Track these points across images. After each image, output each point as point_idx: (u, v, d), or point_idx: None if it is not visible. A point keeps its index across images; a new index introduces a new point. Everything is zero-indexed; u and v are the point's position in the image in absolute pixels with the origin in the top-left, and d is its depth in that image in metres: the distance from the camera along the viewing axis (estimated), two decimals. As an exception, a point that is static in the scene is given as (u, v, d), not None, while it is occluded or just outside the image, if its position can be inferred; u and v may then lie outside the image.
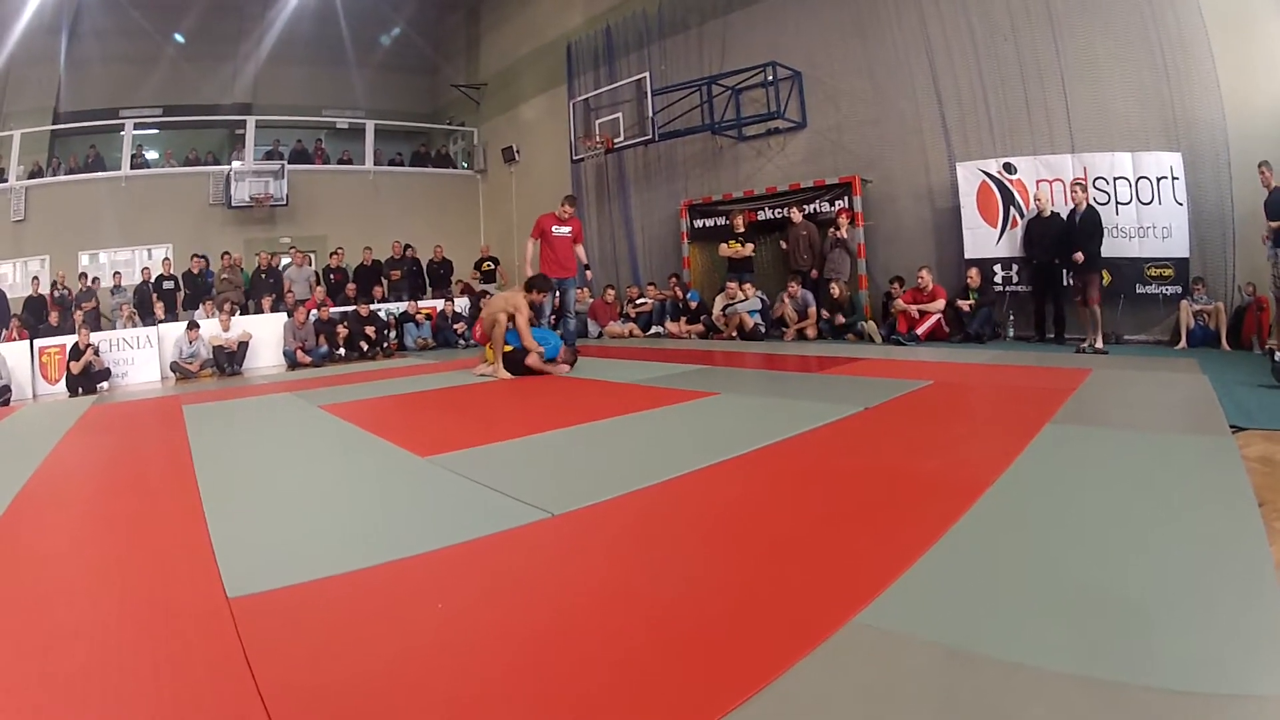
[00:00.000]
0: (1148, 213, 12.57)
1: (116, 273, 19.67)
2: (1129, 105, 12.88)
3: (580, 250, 12.74)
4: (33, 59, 21.70)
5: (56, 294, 18.30)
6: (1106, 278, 12.40)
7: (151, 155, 23.56)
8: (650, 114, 17.44)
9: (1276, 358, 7.98)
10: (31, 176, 20.87)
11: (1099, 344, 11.32)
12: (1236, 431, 5.40)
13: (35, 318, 17.52)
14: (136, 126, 22.50)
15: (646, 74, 17.82)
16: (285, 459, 5.96)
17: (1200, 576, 2.82)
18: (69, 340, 15.30)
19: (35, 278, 19.08)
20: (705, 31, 18.90)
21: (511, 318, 10.37)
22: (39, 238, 20.44)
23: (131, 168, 21.85)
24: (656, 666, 2.25)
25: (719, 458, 4.69)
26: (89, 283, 18.83)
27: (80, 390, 14.68)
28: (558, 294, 12.33)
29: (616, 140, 18.37)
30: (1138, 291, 12.67)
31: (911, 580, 2.80)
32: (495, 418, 7.41)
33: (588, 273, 13.40)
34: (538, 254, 12.39)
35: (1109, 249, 12.24)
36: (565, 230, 12.44)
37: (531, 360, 10.16)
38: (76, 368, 14.77)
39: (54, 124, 22.23)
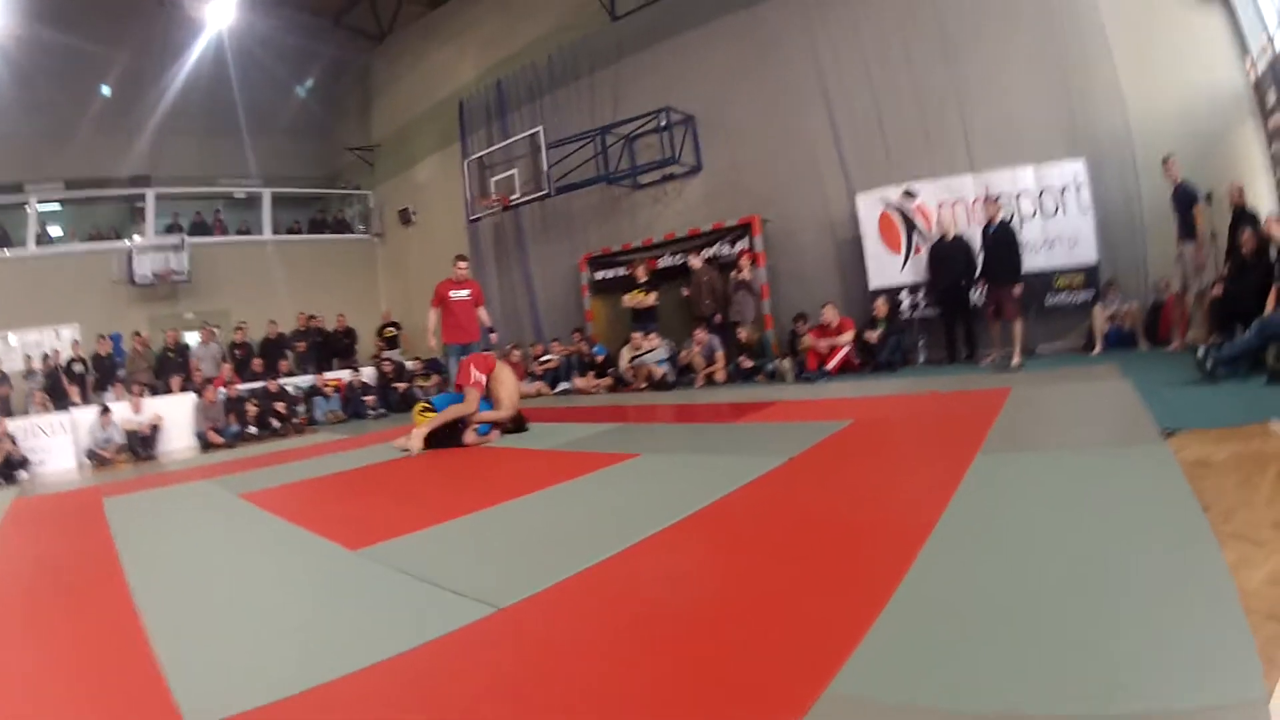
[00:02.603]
0: (1053, 224, 12.77)
1: (27, 356, 19.14)
2: (1029, 117, 13.10)
3: (483, 313, 12.63)
4: None
5: None
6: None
7: (55, 231, 22.86)
8: (545, 168, 17.37)
9: (1200, 354, 8.02)
10: None
11: (1016, 359, 11.31)
12: (1169, 435, 5.39)
13: None
14: (40, 201, 21.91)
15: (540, 128, 17.75)
16: (214, 563, 5.65)
17: (1159, 595, 2.82)
18: None
19: None
20: (596, 81, 18.93)
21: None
22: None
23: (36, 245, 21.31)
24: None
25: (653, 528, 4.51)
26: (1, 367, 18.28)
27: (1, 480, 14.18)
28: (463, 359, 12.12)
29: (513, 197, 18.28)
30: (1048, 303, 12.84)
31: (876, 639, 2.69)
32: (420, 498, 7.17)
33: (492, 335, 13.16)
34: (440, 322, 12.20)
35: None
36: (464, 293, 12.34)
37: (469, 437, 9.84)
38: None
39: None
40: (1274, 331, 7.82)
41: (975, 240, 12.50)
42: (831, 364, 13.29)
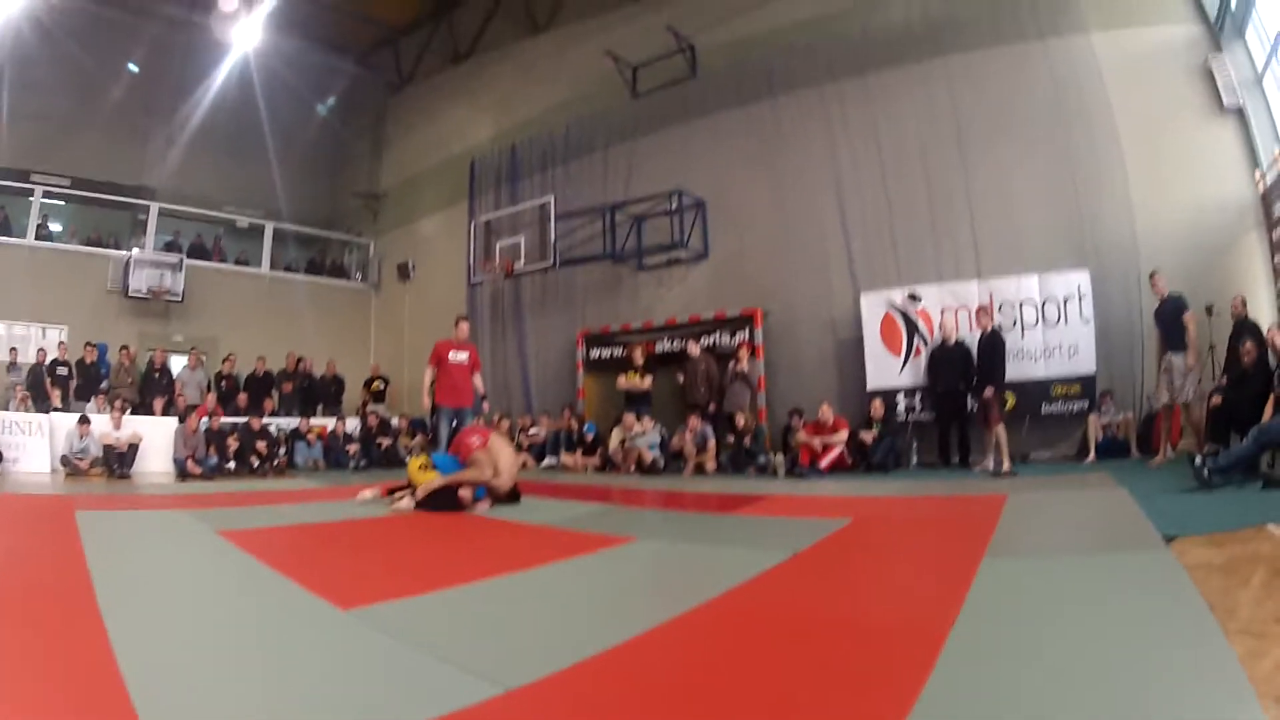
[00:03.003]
0: (1054, 333, 12.90)
1: (13, 349, 18.96)
2: (1037, 226, 13.35)
3: (478, 379, 12.46)
4: None
5: None
6: (1010, 400, 12.61)
7: (55, 228, 22.69)
8: (552, 239, 17.37)
9: (1197, 462, 8.03)
10: None
11: (1005, 466, 11.29)
12: (1170, 540, 5.38)
13: None
14: (45, 195, 21.82)
15: (551, 198, 17.83)
16: (195, 602, 5.42)
17: (1179, 689, 2.83)
18: None
19: None
20: (611, 155, 19.06)
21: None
22: None
23: (36, 238, 21.12)
24: None
25: (660, 618, 4.34)
26: None
27: None
28: (454, 422, 11.96)
29: (517, 265, 18.23)
30: (1044, 411, 12.95)
31: None
32: (413, 561, 6.96)
33: (484, 403, 13.04)
34: (433, 382, 12.13)
35: (1015, 372, 12.51)
36: (462, 356, 12.20)
37: (464, 494, 9.64)
38: None
39: None
40: (1270, 439, 7.98)
41: (975, 346, 12.54)
42: (824, 462, 13.20)
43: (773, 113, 16.43)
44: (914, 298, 13.81)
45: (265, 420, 17.75)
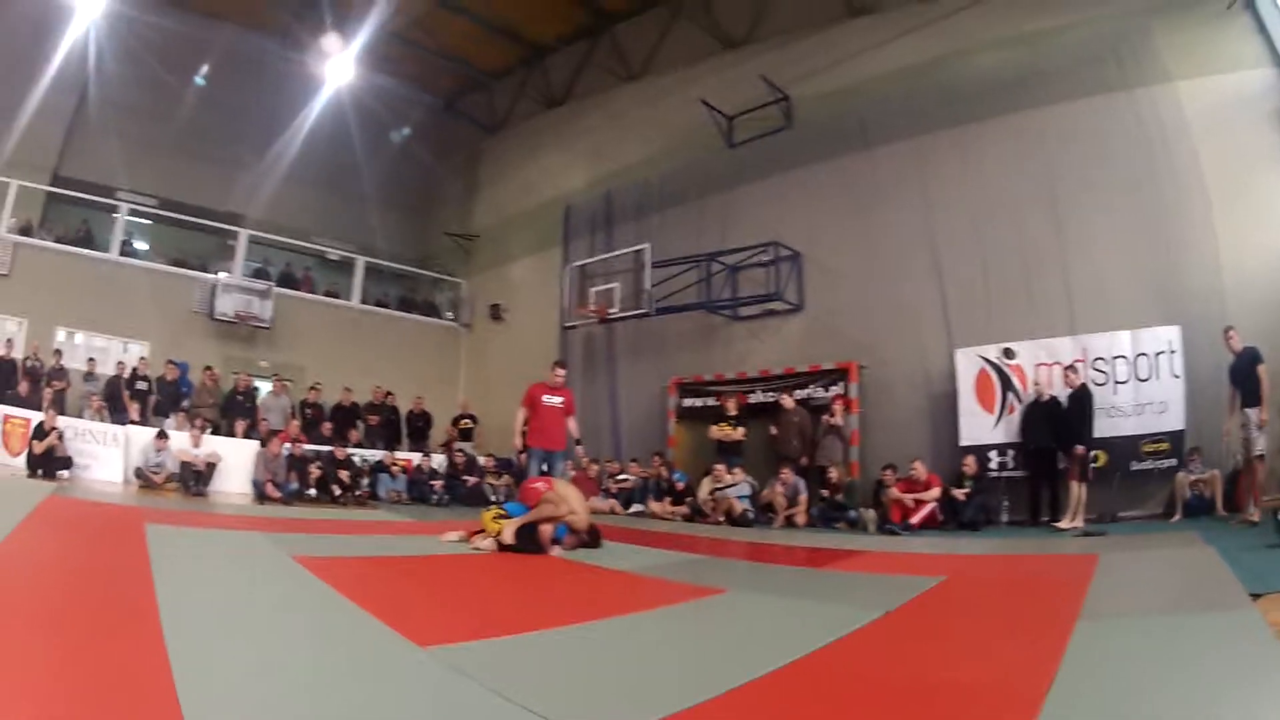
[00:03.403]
0: (1145, 389, 12.69)
1: (91, 358, 19.29)
2: (1129, 279, 13.16)
3: (572, 423, 12.45)
4: (42, 112, 21.13)
5: (29, 363, 17.85)
6: (1102, 457, 12.51)
7: (140, 246, 23.25)
8: (648, 287, 17.42)
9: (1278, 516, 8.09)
10: (22, 233, 20.47)
11: (1073, 522, 11.37)
12: (1256, 598, 5.41)
13: (3, 382, 17.12)
14: (131, 212, 22.32)
15: (648, 245, 17.89)
16: (266, 631, 5.39)
17: None
18: (35, 416, 15.14)
19: (10, 340, 18.49)
20: (707, 205, 19.11)
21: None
22: (20, 298, 19.79)
23: (120, 254, 21.53)
24: None
25: (754, 674, 4.27)
26: (61, 361, 18.49)
27: (40, 472, 14.37)
28: (544, 465, 11.97)
29: (611, 310, 18.33)
30: (1133, 469, 12.66)
31: None
32: (495, 601, 6.92)
33: (579, 448, 13.01)
34: (525, 423, 12.12)
35: (1106, 429, 12.46)
36: (556, 400, 12.21)
37: (545, 530, 9.61)
38: (39, 448, 14.53)
39: (52, 185, 21.85)
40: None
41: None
42: (916, 518, 13.04)
43: (868, 164, 16.40)
44: (1009, 353, 13.64)
45: (349, 450, 17.86)
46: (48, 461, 14.53)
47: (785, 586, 8.28)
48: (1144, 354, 12.70)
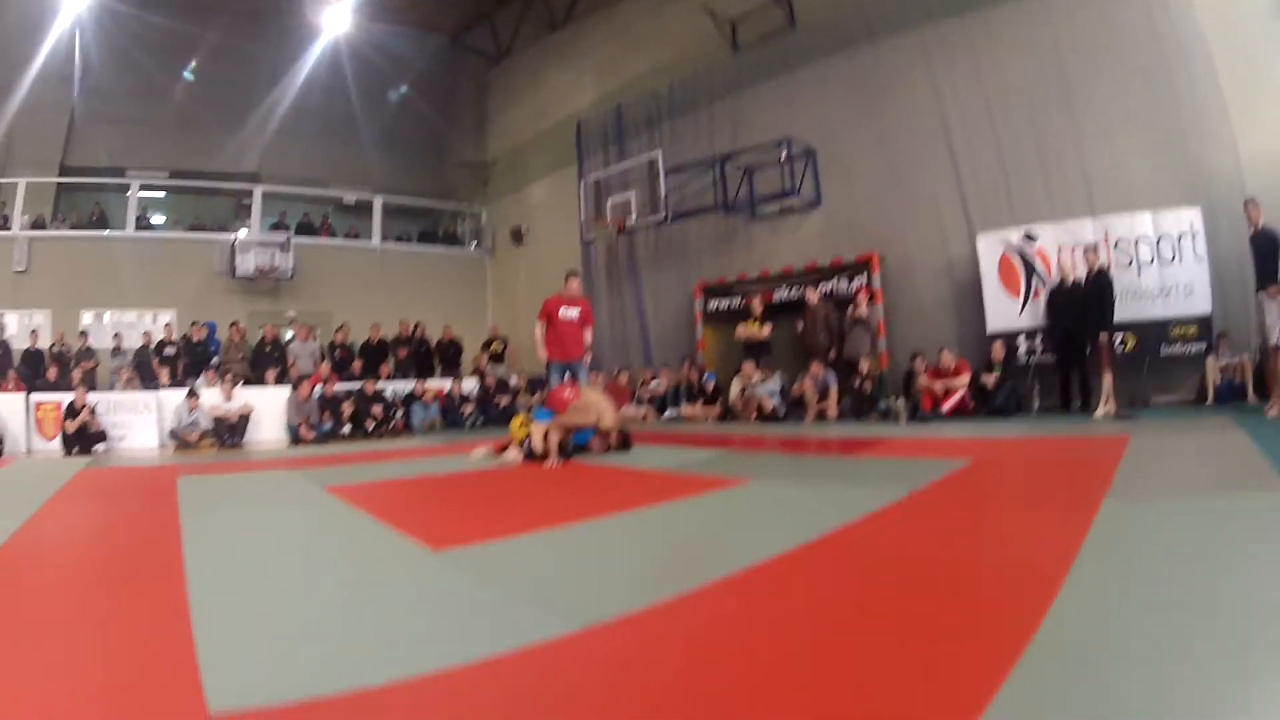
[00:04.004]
0: (1170, 272, 12.48)
1: (117, 334, 19.49)
2: (1146, 163, 12.87)
3: (587, 334, 12.43)
4: (42, 108, 21.47)
5: (56, 349, 18.14)
6: (1131, 341, 12.41)
7: (157, 219, 23.57)
8: (663, 193, 17.36)
9: None
10: (35, 228, 20.75)
11: (1105, 409, 11.20)
12: None
13: (33, 371, 17.40)
14: (143, 188, 22.54)
15: (659, 152, 17.81)
16: (283, 547, 5.54)
17: None
18: (66, 398, 15.32)
19: (35, 331, 18.86)
20: (716, 110, 18.87)
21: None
22: (41, 290, 20.24)
23: (136, 229, 21.85)
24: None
25: (761, 556, 4.26)
26: (87, 342, 18.72)
27: (75, 449, 14.64)
28: (565, 376, 11.99)
29: (628, 221, 18.28)
30: (1162, 353, 12.52)
31: (1013, 689, 2.37)
32: (515, 506, 7.00)
33: (587, 356, 12.98)
34: (544, 337, 12.13)
35: (1134, 312, 12.31)
36: (573, 313, 12.18)
37: (553, 439, 9.65)
38: (72, 427, 14.76)
39: (60, 176, 22.13)
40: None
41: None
42: (946, 406, 13.07)
43: (875, 58, 16.09)
44: (1030, 237, 13.46)
45: (380, 386, 18.00)
46: (82, 438, 14.78)
47: (808, 474, 8.32)
48: (1166, 236, 12.49)
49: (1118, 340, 12.21)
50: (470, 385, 19.45)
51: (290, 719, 2.47)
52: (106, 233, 21.45)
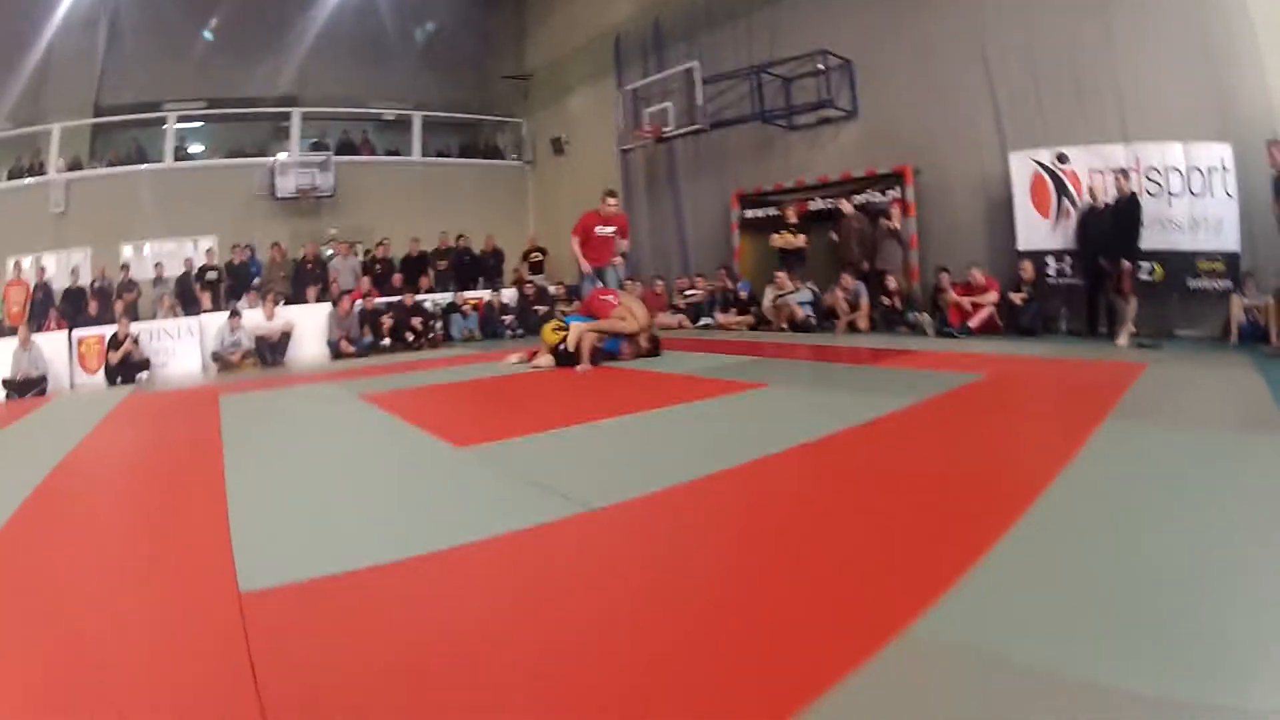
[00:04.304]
0: (1199, 205, 12.28)
1: (158, 263, 19.80)
2: (1179, 94, 12.62)
3: (624, 243, 12.62)
4: (72, 53, 21.72)
5: (97, 285, 18.34)
6: (1159, 271, 12.32)
7: (195, 149, 23.72)
8: (700, 103, 17.39)
9: None
10: (72, 169, 20.94)
11: (1122, 339, 11.21)
12: None
13: (74, 308, 17.65)
14: (179, 120, 22.67)
15: (696, 62, 17.80)
16: (316, 449, 5.92)
17: (1257, 583, 2.69)
18: (108, 330, 15.51)
19: (75, 269, 19.10)
20: (754, 21, 18.70)
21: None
22: (80, 230, 20.48)
23: (175, 161, 21.98)
24: (694, 674, 2.14)
25: (763, 452, 4.54)
26: (129, 274, 19.00)
27: (119, 380, 14.86)
28: (595, 281, 12.20)
29: (666, 130, 18.32)
30: (1189, 286, 12.40)
31: (966, 590, 2.65)
32: (539, 408, 7.34)
33: (619, 260, 12.98)
34: (581, 250, 12.29)
35: (1162, 241, 12.17)
36: (609, 230, 12.34)
37: (587, 342, 9.92)
38: (115, 358, 14.94)
39: (94, 117, 22.27)
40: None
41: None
42: (974, 321, 13.19)
43: (912, -33, 15.96)
44: (1062, 158, 13.43)
45: (420, 298, 18.26)
46: (126, 368, 15.00)
47: (825, 381, 8.56)
48: (1197, 168, 12.29)
49: (1146, 269, 12.21)
50: (510, 295, 19.67)
51: (311, 593, 2.78)
52: (144, 167, 21.63)
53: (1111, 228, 11.84)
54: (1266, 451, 4.57)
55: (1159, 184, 12.46)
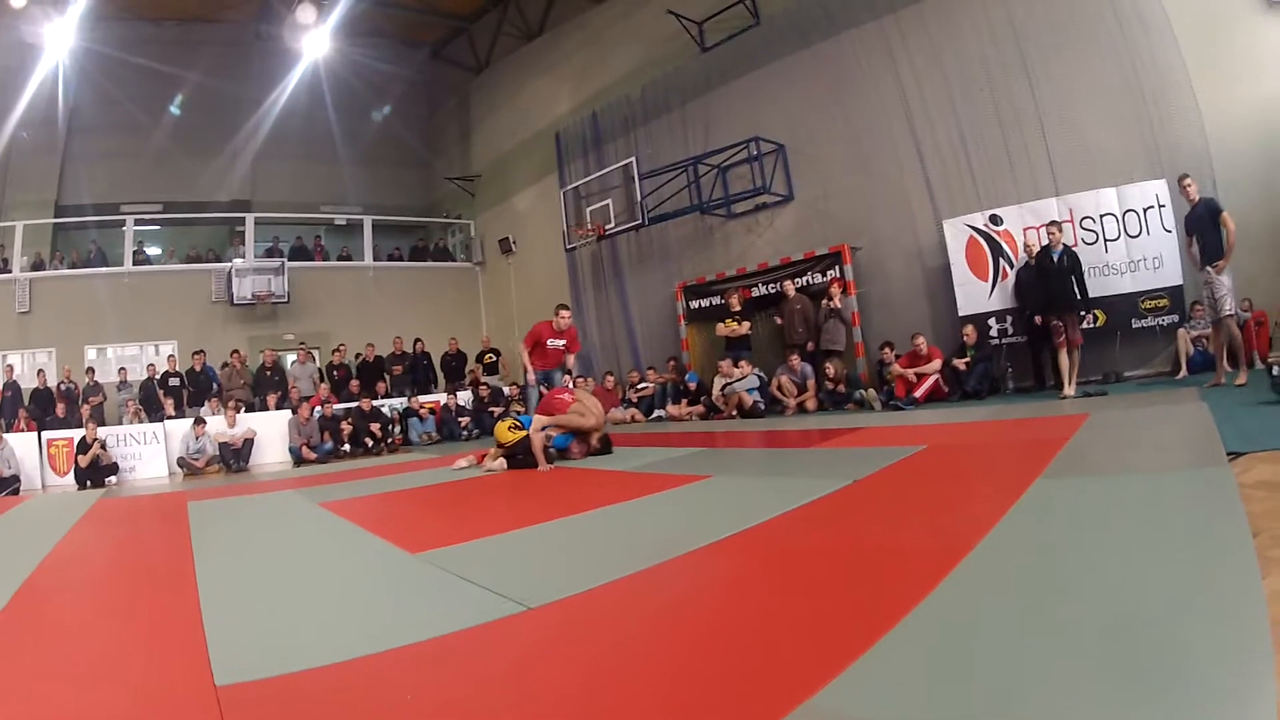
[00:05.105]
0: (1137, 245, 12.68)
1: (121, 368, 20.09)
2: (1109, 139, 13.07)
3: (570, 359, 12.77)
4: (33, 150, 22.20)
5: (63, 387, 18.57)
6: (1101, 317, 12.66)
7: (153, 251, 24.01)
8: (639, 198, 17.72)
9: (1275, 372, 7.98)
10: (34, 268, 21.23)
11: (1070, 389, 11.26)
12: (1234, 458, 5.23)
13: (42, 410, 17.86)
14: (137, 222, 22.96)
15: (633, 159, 18.17)
16: (280, 555, 6.00)
17: (1183, 622, 2.67)
18: (76, 434, 15.73)
19: (41, 370, 19.37)
20: (688, 112, 19.24)
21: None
22: (44, 330, 20.79)
23: (134, 264, 22.27)
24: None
25: (700, 543, 4.64)
26: (94, 378, 19.22)
27: (89, 483, 14.96)
28: (543, 384, 12.32)
29: (608, 226, 18.67)
30: (1134, 326, 12.74)
31: (876, 658, 2.67)
32: (488, 512, 7.44)
33: (565, 377, 13.04)
34: (529, 358, 12.41)
35: (1101, 288, 12.47)
36: (560, 343, 12.45)
37: (536, 444, 10.01)
38: (85, 461, 15.05)
39: (55, 217, 22.66)
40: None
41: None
42: (919, 392, 13.34)
43: (836, 50, 16.43)
44: (995, 219, 13.75)
45: (378, 403, 18.41)
46: (95, 471, 15.11)
47: (769, 467, 8.68)
48: (1131, 210, 12.68)
49: (1089, 317, 12.47)
50: (465, 397, 19.76)
51: (280, 687, 2.92)
52: (105, 270, 21.89)
53: (1054, 283, 11.82)
54: (1201, 488, 4.60)
55: (1094, 232, 12.84)
